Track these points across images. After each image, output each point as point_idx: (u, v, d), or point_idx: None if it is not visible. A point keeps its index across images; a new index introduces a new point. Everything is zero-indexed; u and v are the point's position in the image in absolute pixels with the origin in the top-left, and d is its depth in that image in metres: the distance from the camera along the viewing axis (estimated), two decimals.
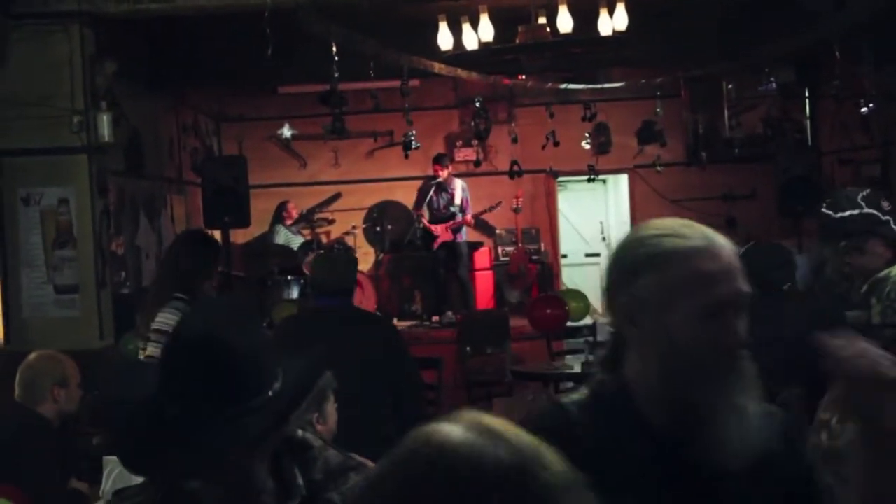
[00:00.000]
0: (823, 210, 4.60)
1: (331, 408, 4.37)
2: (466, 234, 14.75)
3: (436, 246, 14.52)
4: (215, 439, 2.31)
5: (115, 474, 4.99)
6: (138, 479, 4.48)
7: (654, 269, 2.35)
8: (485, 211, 14.80)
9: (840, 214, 4.51)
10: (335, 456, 2.57)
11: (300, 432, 2.60)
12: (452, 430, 1.45)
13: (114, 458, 5.15)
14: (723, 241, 2.41)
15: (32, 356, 6.02)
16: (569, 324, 12.46)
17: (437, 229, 14.53)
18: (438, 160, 14.64)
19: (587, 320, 13.75)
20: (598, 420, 2.40)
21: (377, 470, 1.49)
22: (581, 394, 2.49)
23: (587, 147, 15.04)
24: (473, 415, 1.49)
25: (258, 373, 2.37)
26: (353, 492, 1.45)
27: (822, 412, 3.53)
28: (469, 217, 14.52)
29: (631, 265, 2.38)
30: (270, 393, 2.37)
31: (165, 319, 6.44)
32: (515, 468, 1.42)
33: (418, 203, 14.90)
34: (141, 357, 6.74)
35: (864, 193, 4.56)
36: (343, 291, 6.42)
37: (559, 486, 1.44)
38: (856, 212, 4.49)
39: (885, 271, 3.45)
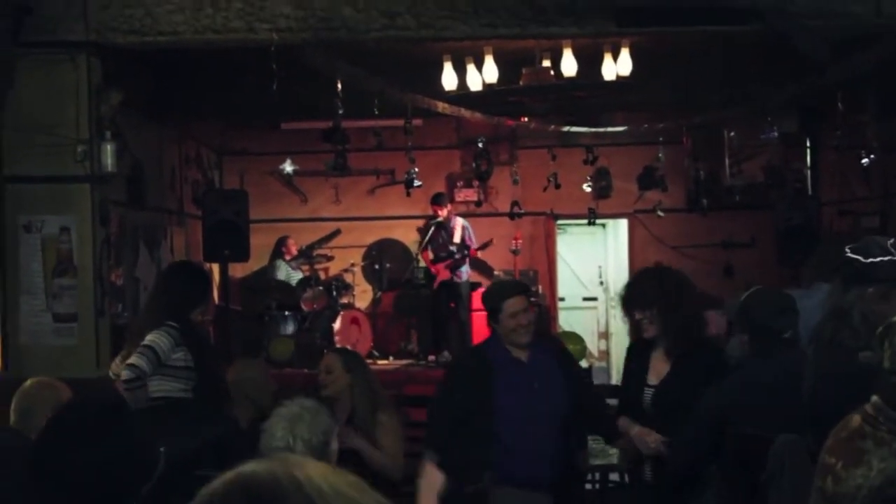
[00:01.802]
0: (850, 255, 4.61)
1: (334, 447, 4.36)
2: (468, 275, 14.73)
3: (436, 285, 14.53)
4: None
5: None
6: None
7: None
8: (477, 249, 14.75)
9: (871, 260, 4.52)
10: None
11: None
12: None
13: None
14: None
15: (28, 383, 5.99)
16: None
17: (436, 268, 14.54)
18: (436, 200, 14.67)
19: (583, 363, 13.76)
20: None
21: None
22: None
23: (588, 190, 15.06)
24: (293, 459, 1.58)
25: (117, 483, 2.49)
26: None
27: (827, 456, 3.53)
28: (474, 251, 14.51)
29: None
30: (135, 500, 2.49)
31: (155, 338, 6.61)
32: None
33: (422, 243, 14.92)
34: (121, 366, 6.90)
35: (893, 241, 4.59)
36: None
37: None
38: (886, 258, 4.51)
39: None
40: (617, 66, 10.13)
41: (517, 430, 6.12)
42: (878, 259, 4.54)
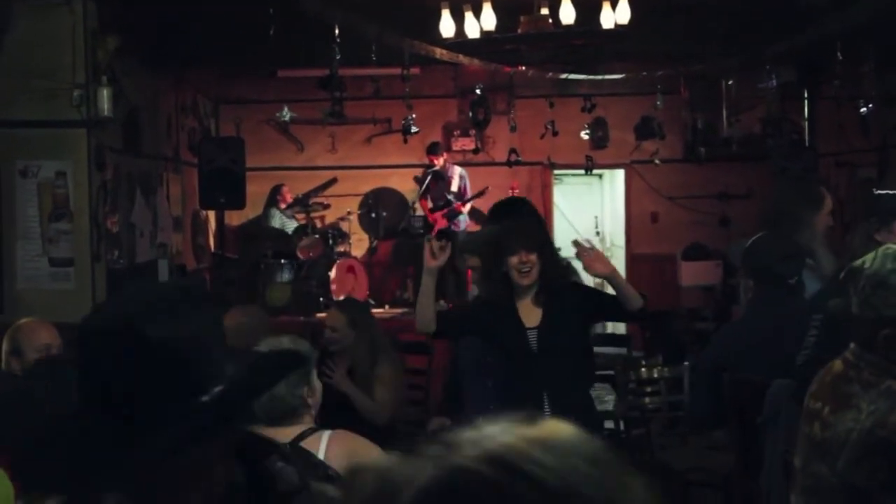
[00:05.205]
0: (877, 192, 4.66)
1: (316, 381, 4.40)
2: (466, 224, 14.73)
3: (433, 234, 14.53)
4: (139, 447, 1.98)
5: None
6: None
7: None
8: (471, 198, 14.75)
9: (883, 192, 4.55)
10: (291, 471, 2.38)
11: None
12: None
13: None
14: None
15: (16, 324, 6.04)
16: None
17: (434, 217, 14.54)
18: (432, 150, 14.66)
19: None
20: None
21: None
22: None
23: (586, 137, 15.03)
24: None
25: (188, 371, 2.01)
26: None
27: (812, 402, 3.53)
28: (460, 204, 14.52)
29: None
30: (206, 397, 2.01)
31: None
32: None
33: (419, 192, 14.92)
34: None
35: None
36: None
37: None
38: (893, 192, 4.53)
39: (860, 261, 3.43)
40: (615, 15, 10.06)
41: None
42: (892, 192, 4.56)
